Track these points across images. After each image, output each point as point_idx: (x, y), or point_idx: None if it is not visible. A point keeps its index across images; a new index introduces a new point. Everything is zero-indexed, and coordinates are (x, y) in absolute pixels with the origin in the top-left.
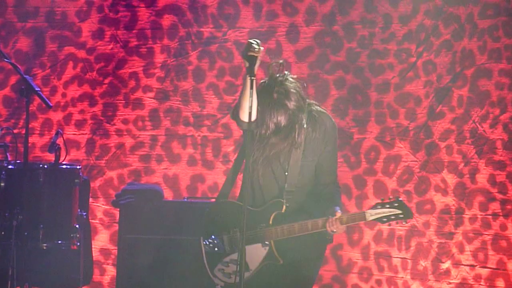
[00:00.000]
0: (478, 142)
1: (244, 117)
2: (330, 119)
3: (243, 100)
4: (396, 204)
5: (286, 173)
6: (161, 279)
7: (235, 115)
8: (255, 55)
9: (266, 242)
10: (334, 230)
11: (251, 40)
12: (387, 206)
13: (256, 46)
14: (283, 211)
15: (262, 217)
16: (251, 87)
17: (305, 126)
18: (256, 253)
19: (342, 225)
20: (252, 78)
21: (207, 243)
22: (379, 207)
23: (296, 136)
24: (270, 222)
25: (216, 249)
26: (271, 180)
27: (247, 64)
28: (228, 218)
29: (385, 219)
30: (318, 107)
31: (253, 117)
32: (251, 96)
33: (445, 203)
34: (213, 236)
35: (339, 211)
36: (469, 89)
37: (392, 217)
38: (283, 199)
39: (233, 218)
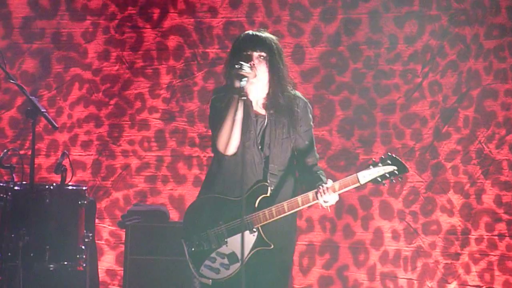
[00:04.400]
0: (484, 163)
1: (224, 148)
2: (302, 99)
3: (226, 127)
4: (388, 161)
5: (268, 155)
6: None
7: (213, 147)
8: (246, 75)
9: (254, 229)
10: (327, 200)
11: (241, 62)
12: (380, 164)
13: (246, 68)
14: (268, 194)
15: (247, 204)
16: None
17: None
18: (245, 241)
19: (335, 193)
20: (242, 98)
21: (192, 242)
22: (371, 167)
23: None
24: (256, 206)
25: (202, 247)
26: (251, 166)
27: (237, 83)
28: (210, 212)
29: (380, 179)
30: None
31: (233, 149)
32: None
33: (451, 223)
34: (197, 234)
35: (329, 180)
36: (475, 109)
37: (387, 175)
38: (267, 182)
39: (215, 212)
